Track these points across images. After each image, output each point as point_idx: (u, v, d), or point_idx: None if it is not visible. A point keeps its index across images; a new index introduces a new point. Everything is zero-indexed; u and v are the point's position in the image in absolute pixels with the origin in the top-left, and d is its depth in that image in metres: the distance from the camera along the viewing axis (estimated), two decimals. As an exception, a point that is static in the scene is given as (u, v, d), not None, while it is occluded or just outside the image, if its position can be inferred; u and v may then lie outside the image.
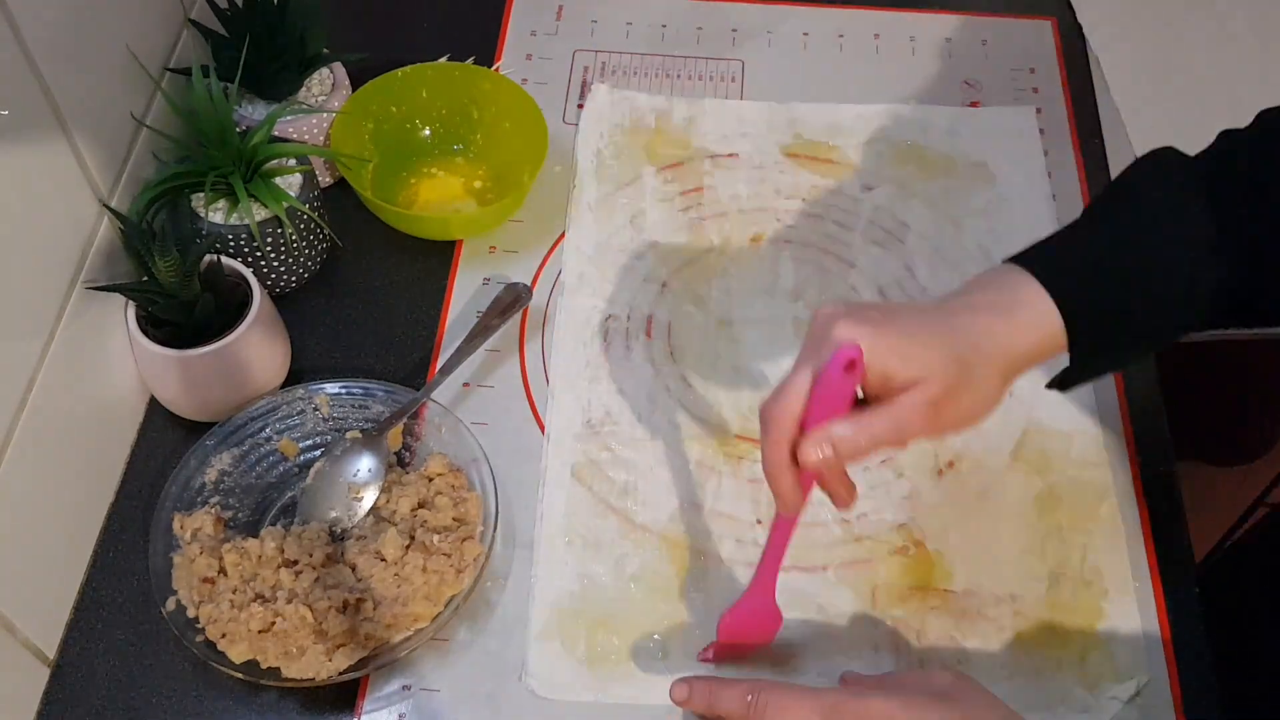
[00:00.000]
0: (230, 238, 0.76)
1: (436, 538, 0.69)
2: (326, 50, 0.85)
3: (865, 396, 0.60)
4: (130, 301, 0.72)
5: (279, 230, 0.77)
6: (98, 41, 0.71)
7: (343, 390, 0.76)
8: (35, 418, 0.65)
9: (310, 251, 0.81)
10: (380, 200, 0.82)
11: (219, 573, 0.68)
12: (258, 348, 0.74)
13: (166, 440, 0.77)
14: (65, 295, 0.68)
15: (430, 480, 0.73)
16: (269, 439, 0.75)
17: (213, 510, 0.71)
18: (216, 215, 0.76)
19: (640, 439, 0.78)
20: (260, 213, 0.76)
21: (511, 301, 0.80)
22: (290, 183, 0.79)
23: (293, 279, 0.81)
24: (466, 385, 0.80)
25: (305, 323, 0.82)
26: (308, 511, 0.72)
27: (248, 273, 0.75)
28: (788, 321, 0.84)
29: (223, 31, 0.81)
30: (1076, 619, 0.72)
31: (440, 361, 0.81)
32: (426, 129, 0.91)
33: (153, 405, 0.78)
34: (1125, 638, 0.71)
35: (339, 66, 0.88)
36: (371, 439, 0.74)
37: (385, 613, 0.67)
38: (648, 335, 0.83)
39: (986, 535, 0.75)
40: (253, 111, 0.83)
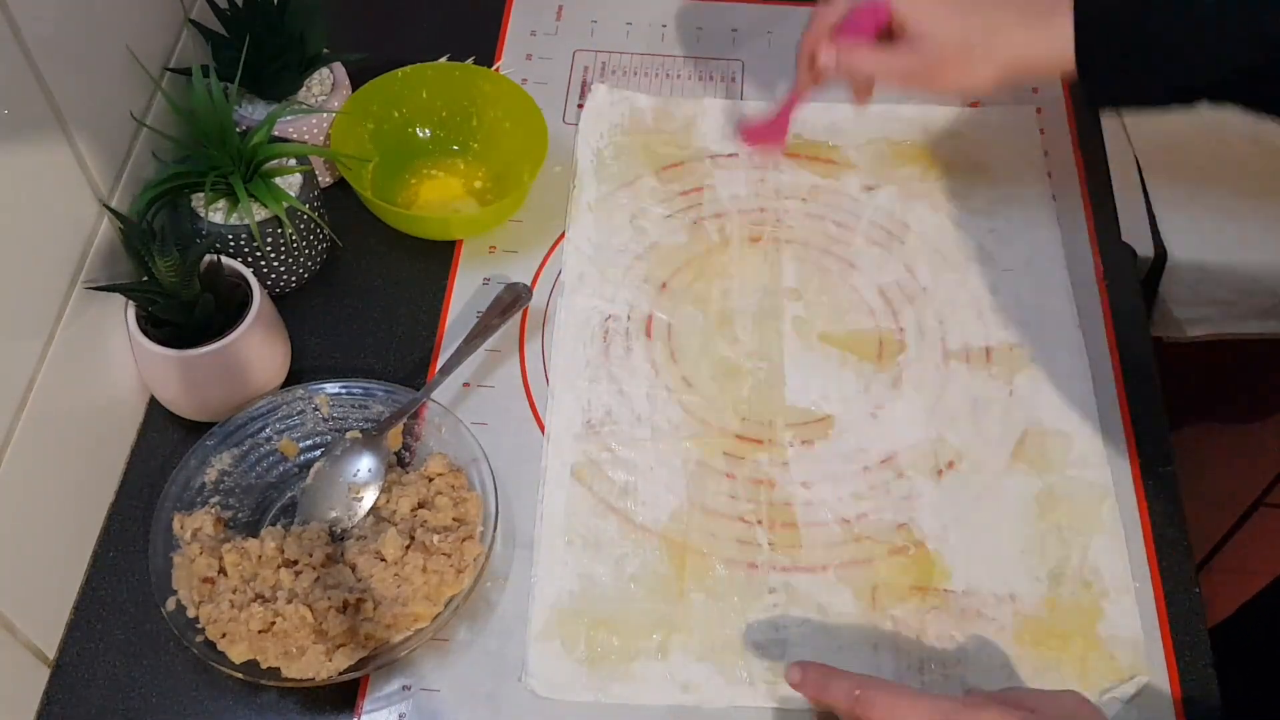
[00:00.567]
0: (230, 238, 0.76)
1: (436, 538, 0.69)
2: (326, 50, 0.85)
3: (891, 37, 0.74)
4: (130, 301, 0.72)
5: (279, 230, 0.77)
6: (98, 41, 0.71)
7: (343, 390, 0.76)
8: (35, 418, 0.65)
9: (310, 251, 0.81)
10: (380, 200, 0.82)
11: (219, 573, 0.68)
12: (258, 348, 0.74)
13: (166, 440, 0.77)
14: (65, 295, 0.68)
15: (430, 480, 0.73)
16: (269, 439, 0.75)
17: (213, 510, 0.71)
18: (216, 215, 0.76)
19: (640, 439, 0.78)
20: (260, 213, 0.76)
21: (511, 301, 0.80)
22: (290, 183, 0.79)
23: (293, 279, 0.81)
24: (466, 385, 0.80)
25: (305, 323, 0.82)
26: (308, 511, 0.72)
27: (248, 273, 0.75)
28: (788, 321, 0.84)
29: (223, 31, 0.81)
30: (1076, 619, 0.72)
31: (440, 361, 0.81)
32: (426, 129, 0.91)
33: (153, 405, 0.78)
34: (1125, 638, 0.71)
35: (339, 66, 0.88)
36: (371, 439, 0.74)
37: (385, 613, 0.67)
38: (648, 335, 0.83)
39: (986, 535, 0.75)
40: (253, 111, 0.83)
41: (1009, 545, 0.75)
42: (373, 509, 0.72)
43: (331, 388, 0.76)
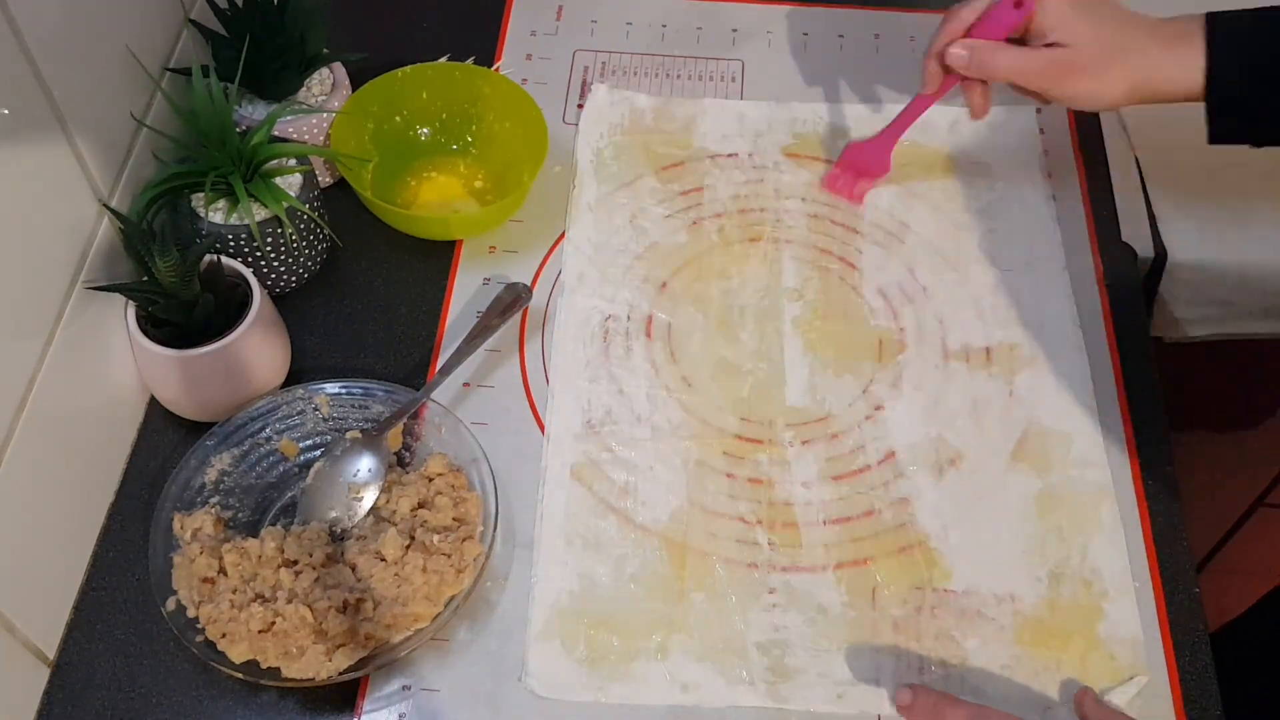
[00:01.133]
0: (230, 238, 0.76)
1: (436, 538, 0.69)
2: (326, 50, 0.85)
3: (1022, 40, 0.76)
4: (130, 301, 0.72)
5: (279, 230, 0.77)
6: (98, 41, 0.71)
7: (343, 390, 0.76)
8: (35, 418, 0.65)
9: (310, 251, 0.81)
10: (380, 200, 0.82)
11: (219, 573, 0.68)
12: (258, 348, 0.74)
13: (166, 440, 0.77)
14: (65, 295, 0.68)
15: (430, 480, 0.73)
16: (269, 439, 0.75)
17: (213, 510, 0.71)
18: (216, 215, 0.76)
19: (640, 439, 0.78)
20: (260, 213, 0.76)
21: (511, 301, 0.80)
22: (290, 183, 0.79)
23: (293, 279, 0.81)
24: (466, 385, 0.80)
25: (305, 323, 0.82)
26: (308, 511, 0.72)
27: (248, 273, 0.75)
28: (787, 321, 0.84)
29: (223, 31, 0.81)
30: (1076, 619, 0.72)
31: (440, 361, 0.81)
32: (426, 129, 0.91)
33: (153, 405, 0.78)
34: (1125, 638, 0.71)
35: (339, 66, 0.88)
36: (371, 439, 0.74)
37: (385, 613, 0.67)
38: (648, 335, 0.83)
39: (986, 535, 0.75)
40: (253, 111, 0.83)
41: (1009, 545, 0.75)
42: (373, 509, 0.72)
43: (331, 388, 0.76)
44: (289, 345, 0.79)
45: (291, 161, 0.79)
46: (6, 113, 0.61)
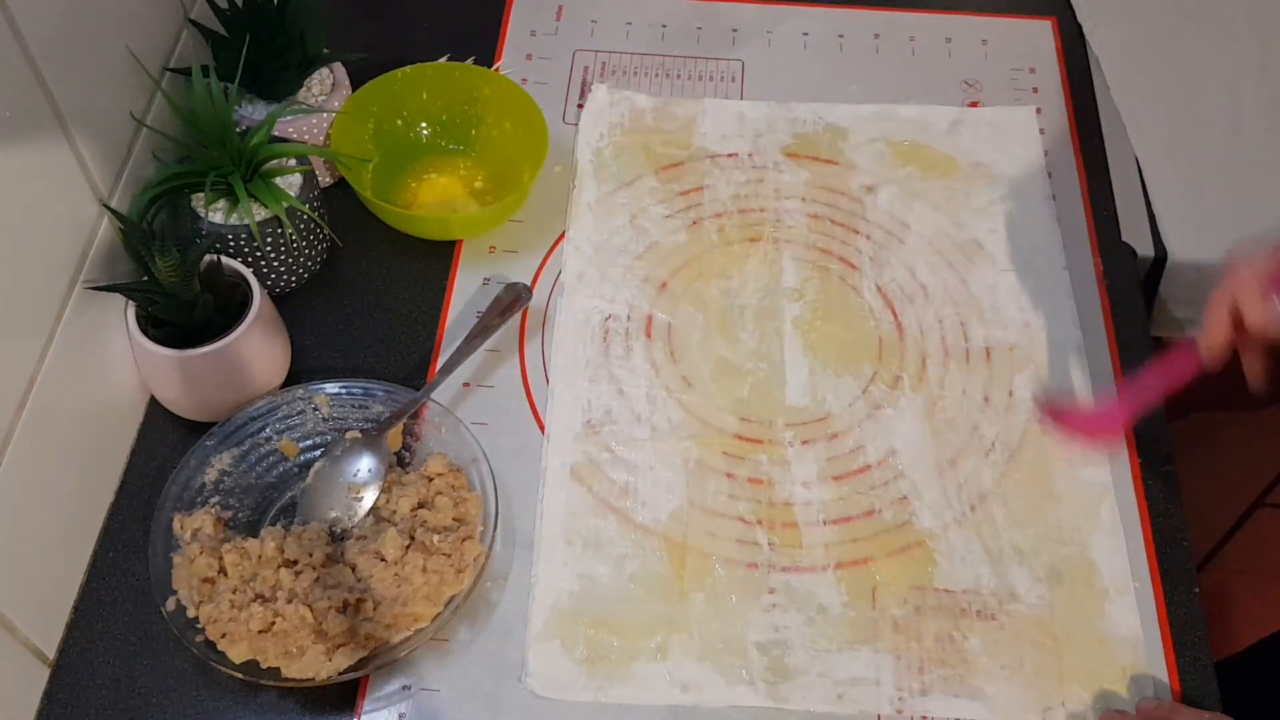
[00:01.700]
0: (230, 238, 0.76)
1: (436, 538, 0.69)
2: (326, 50, 0.85)
3: None
4: (130, 301, 0.72)
5: (279, 230, 0.77)
6: (98, 41, 0.71)
7: (343, 390, 0.76)
8: (35, 417, 0.65)
9: (310, 251, 0.81)
10: (380, 200, 0.82)
11: (219, 573, 0.68)
12: (258, 348, 0.74)
13: (166, 440, 0.77)
14: (65, 295, 0.68)
15: (430, 480, 0.72)
16: (269, 439, 0.75)
17: (213, 510, 0.71)
18: (216, 215, 0.76)
19: (640, 439, 0.78)
20: (260, 213, 0.76)
21: (511, 301, 0.80)
22: (290, 183, 0.79)
23: (293, 279, 0.81)
24: (466, 385, 0.80)
25: (305, 323, 0.82)
26: (308, 511, 0.72)
27: (248, 273, 0.75)
28: (787, 321, 0.84)
29: (223, 31, 0.81)
30: (1076, 619, 0.72)
31: (440, 361, 0.81)
32: (426, 129, 0.91)
33: (153, 405, 0.78)
34: (1125, 638, 0.71)
35: (339, 66, 0.88)
36: (371, 439, 0.74)
37: (385, 613, 0.67)
38: (648, 335, 0.83)
39: (987, 535, 0.75)
40: (253, 111, 0.83)
41: (1009, 545, 0.75)
42: (373, 509, 0.72)
43: (331, 388, 0.76)
44: (289, 345, 0.79)
45: (291, 161, 0.79)
46: (6, 113, 0.61)
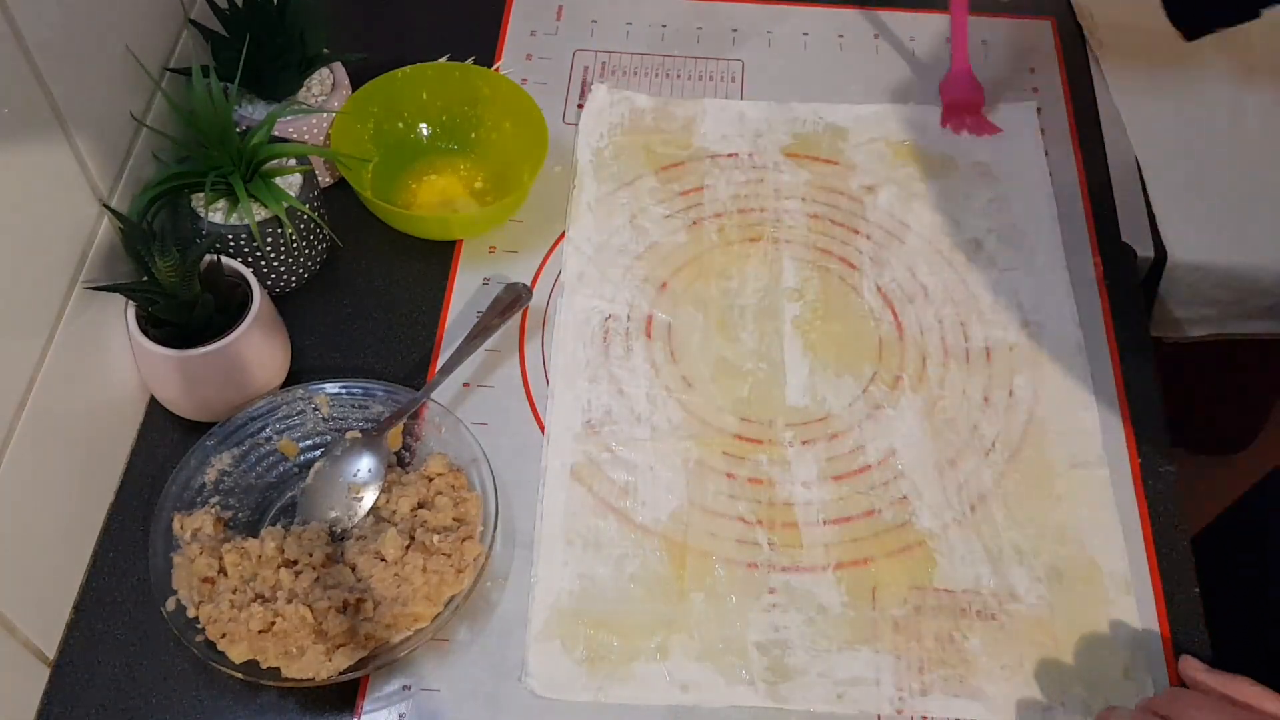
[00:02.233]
0: (230, 238, 0.76)
1: (436, 538, 0.69)
2: (326, 50, 0.85)
3: None
4: (130, 301, 0.72)
5: (279, 230, 0.77)
6: (98, 41, 0.71)
7: (343, 390, 0.76)
8: (35, 418, 0.65)
9: (310, 251, 0.81)
10: (380, 200, 0.82)
11: (219, 573, 0.68)
12: (258, 348, 0.74)
13: (166, 440, 0.77)
14: (65, 295, 0.68)
15: (430, 480, 0.72)
16: (269, 439, 0.75)
17: (213, 510, 0.71)
18: (216, 215, 0.76)
19: (640, 439, 0.78)
20: (260, 213, 0.76)
21: (511, 301, 0.80)
22: (290, 183, 0.79)
23: (293, 279, 0.81)
24: (466, 385, 0.80)
25: (305, 323, 0.82)
26: (308, 511, 0.72)
27: (248, 273, 0.75)
28: (787, 321, 0.84)
29: (223, 31, 0.81)
30: (1077, 619, 0.72)
31: (440, 361, 0.81)
32: (426, 129, 0.91)
33: (153, 405, 0.78)
34: (1125, 638, 0.71)
35: (339, 66, 0.88)
36: (371, 439, 0.74)
37: (385, 613, 0.67)
38: (648, 335, 0.83)
39: (987, 535, 0.75)
40: (253, 111, 0.83)
41: (1009, 545, 0.75)
42: (373, 509, 0.72)
43: (331, 388, 0.76)
44: (289, 345, 0.79)
45: (291, 161, 0.79)
46: (6, 112, 0.61)
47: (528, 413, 0.79)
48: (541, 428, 0.79)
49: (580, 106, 0.95)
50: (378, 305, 0.84)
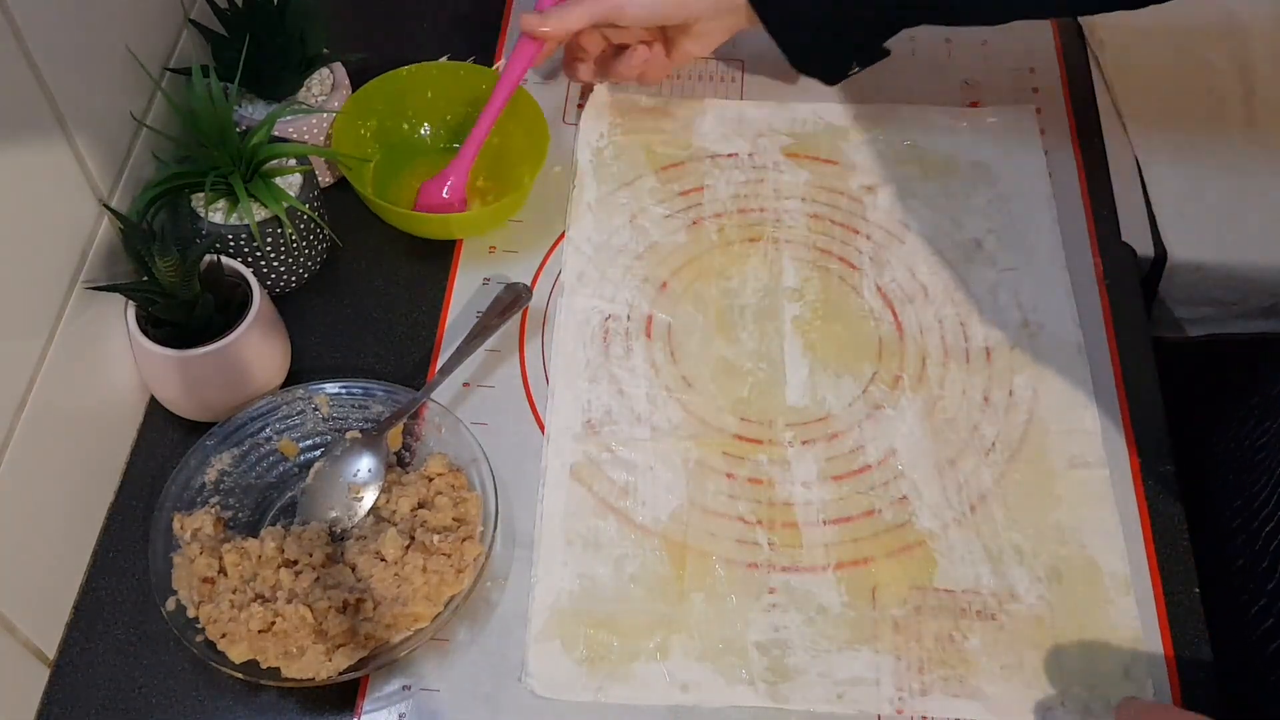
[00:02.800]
0: (230, 238, 0.76)
1: (436, 538, 0.69)
2: (326, 50, 0.85)
3: None
4: (130, 301, 0.72)
5: (279, 230, 0.77)
6: (98, 41, 0.71)
7: (343, 390, 0.76)
8: (35, 418, 0.65)
9: (310, 251, 0.81)
10: (381, 200, 0.82)
11: (219, 573, 0.68)
12: (258, 348, 0.74)
13: (166, 440, 0.77)
14: (65, 295, 0.68)
15: (430, 480, 0.73)
16: (269, 439, 0.75)
17: (213, 510, 0.71)
18: (216, 215, 0.76)
19: (640, 439, 0.78)
20: (260, 213, 0.76)
21: (511, 301, 0.80)
22: (290, 183, 0.79)
23: (293, 279, 0.81)
24: (466, 385, 0.80)
25: (305, 323, 0.82)
26: (308, 511, 0.72)
27: (248, 273, 0.75)
28: (787, 321, 0.84)
29: (223, 31, 0.82)
30: (1077, 619, 0.72)
31: (440, 361, 0.81)
32: (427, 128, 0.91)
33: (153, 405, 0.78)
34: (1125, 638, 0.71)
35: (339, 66, 0.88)
36: (371, 439, 0.74)
37: (385, 613, 0.67)
38: (648, 335, 0.83)
39: (987, 535, 0.75)
40: (253, 111, 0.83)
41: (1009, 545, 0.74)
42: (373, 509, 0.72)
43: (331, 388, 0.76)
44: (289, 345, 0.79)
45: (291, 161, 0.79)
46: (6, 113, 0.61)
47: (528, 413, 0.79)
48: (541, 428, 0.79)
49: (580, 106, 0.95)
50: (378, 305, 0.84)
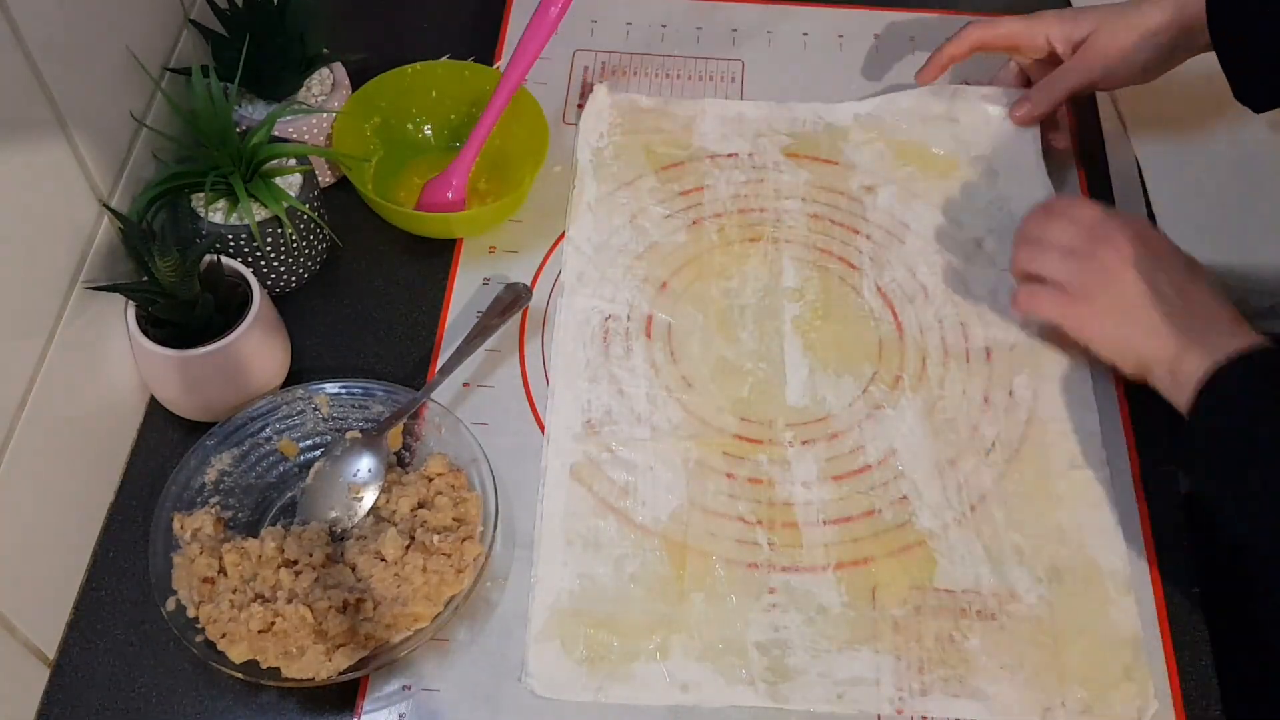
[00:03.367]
0: (230, 238, 0.76)
1: (436, 538, 0.69)
2: (326, 50, 0.85)
3: None
4: (130, 301, 0.72)
5: (279, 230, 0.77)
6: (98, 41, 0.71)
7: (343, 390, 0.76)
8: (35, 418, 0.65)
9: (310, 251, 0.81)
10: (381, 199, 0.82)
11: (219, 573, 0.68)
12: (258, 348, 0.74)
13: (166, 440, 0.77)
14: (65, 295, 0.68)
15: (430, 480, 0.73)
16: (269, 439, 0.75)
17: (213, 510, 0.71)
18: (216, 215, 0.76)
19: (640, 439, 0.78)
20: (260, 213, 0.76)
21: (511, 301, 0.80)
22: (290, 183, 0.79)
23: (293, 279, 0.82)
24: (466, 385, 0.80)
25: (305, 323, 0.82)
26: (308, 511, 0.72)
27: (248, 273, 0.75)
28: (787, 321, 0.84)
29: (223, 31, 0.82)
30: (1076, 619, 0.72)
31: (440, 361, 0.81)
32: (428, 127, 0.91)
33: (153, 405, 0.78)
34: (1125, 638, 0.71)
35: (339, 66, 0.88)
36: (371, 439, 0.74)
37: (385, 613, 0.67)
38: (648, 335, 0.83)
39: (987, 535, 0.75)
40: (253, 111, 0.83)
41: (1009, 545, 0.75)
42: (373, 509, 0.72)
43: (331, 388, 0.76)
44: (289, 345, 0.79)
45: (291, 161, 0.79)
46: (7, 113, 0.61)
47: (528, 413, 0.79)
48: (541, 428, 0.79)
49: (580, 106, 0.95)
50: (378, 305, 0.84)
